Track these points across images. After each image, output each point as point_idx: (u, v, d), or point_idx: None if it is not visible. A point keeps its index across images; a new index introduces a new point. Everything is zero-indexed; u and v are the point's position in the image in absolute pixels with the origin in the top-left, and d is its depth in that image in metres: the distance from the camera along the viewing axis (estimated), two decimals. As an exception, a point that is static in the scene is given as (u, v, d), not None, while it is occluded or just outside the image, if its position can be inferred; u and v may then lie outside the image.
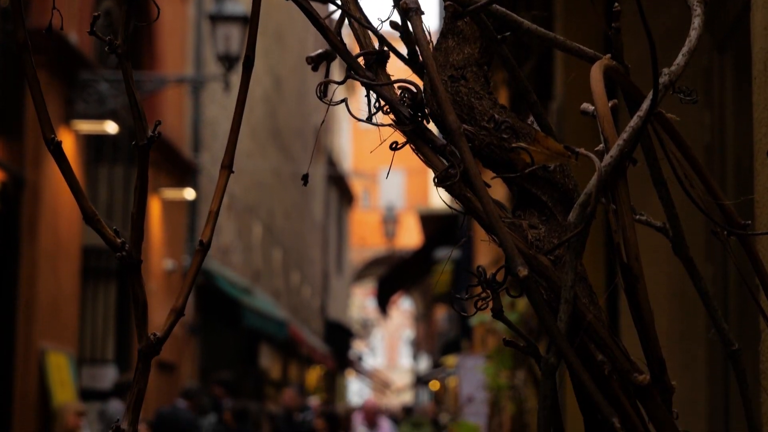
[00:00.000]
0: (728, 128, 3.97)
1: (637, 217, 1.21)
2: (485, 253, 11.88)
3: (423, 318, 59.77)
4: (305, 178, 1.33)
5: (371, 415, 15.39)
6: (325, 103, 1.16)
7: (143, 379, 1.05)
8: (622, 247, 1.02)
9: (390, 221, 32.06)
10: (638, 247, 1.03)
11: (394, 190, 55.07)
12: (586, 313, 1.00)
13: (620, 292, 3.65)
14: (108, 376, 14.17)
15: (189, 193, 17.34)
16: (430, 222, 20.77)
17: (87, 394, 12.56)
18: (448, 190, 1.00)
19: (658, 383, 1.02)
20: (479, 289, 1.08)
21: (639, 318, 1.02)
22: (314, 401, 18.89)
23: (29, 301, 10.96)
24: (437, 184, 1.02)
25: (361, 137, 56.80)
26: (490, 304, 1.11)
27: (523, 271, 0.98)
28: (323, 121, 2.02)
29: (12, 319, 10.81)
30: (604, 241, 4.27)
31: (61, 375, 11.60)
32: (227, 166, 1.06)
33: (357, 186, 51.10)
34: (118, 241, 1.03)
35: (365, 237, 51.25)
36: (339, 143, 44.63)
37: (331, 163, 38.23)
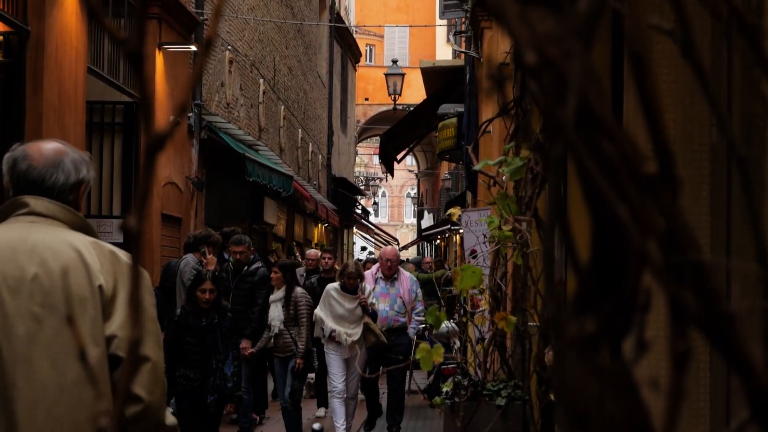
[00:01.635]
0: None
1: (647, 20, 1.19)
2: (489, 107, 11.84)
3: (427, 175, 60.00)
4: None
5: (390, 266, 13.61)
6: None
7: (149, 176, 1.05)
8: (631, 34, 1.01)
9: (394, 78, 31.85)
10: (649, 37, 1.02)
11: (399, 46, 54.76)
12: (593, 103, 1.00)
13: (626, 91, 3.63)
14: (114, 230, 14.28)
15: (192, 48, 17.22)
16: (434, 76, 20.64)
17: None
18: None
19: (666, 174, 1.02)
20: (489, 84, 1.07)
21: (647, 108, 1.01)
22: (312, 253, 18.40)
23: (35, 153, 10.98)
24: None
25: (365, -7, 56.19)
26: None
27: (533, 58, 0.97)
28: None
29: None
30: (610, 43, 4.22)
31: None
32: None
33: (361, 43, 50.76)
34: (122, 33, 1.02)
35: (370, 94, 51.12)
36: (343, -1, 44.14)
37: (336, 19, 37.87)
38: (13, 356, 3.15)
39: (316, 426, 10.50)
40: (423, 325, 16.62)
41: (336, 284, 12.60)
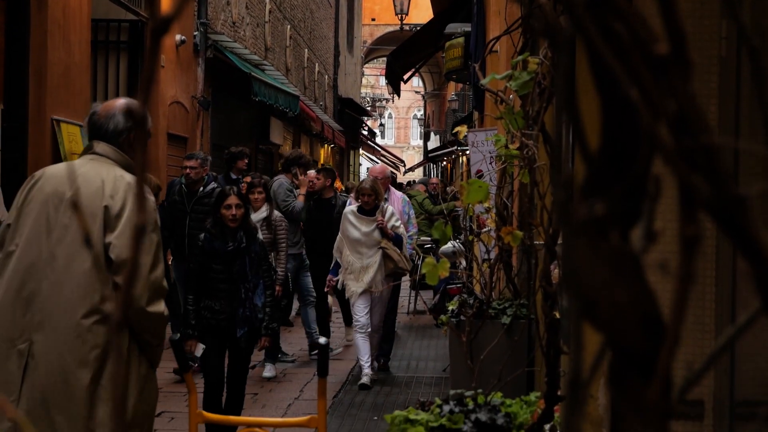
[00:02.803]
0: None
1: None
2: (496, 25, 11.75)
3: (434, 96, 59.79)
4: None
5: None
6: None
7: (153, 60, 1.04)
8: None
9: (401, -3, 31.62)
10: None
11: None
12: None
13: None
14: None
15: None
16: (442, -5, 20.44)
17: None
18: None
19: (677, 55, 1.00)
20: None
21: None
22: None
23: (40, 69, 10.91)
24: None
25: None
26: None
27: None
28: None
29: (24, 87, 10.78)
30: None
31: (74, 145, 11.67)
32: None
33: (368, -38, 50.28)
34: None
35: (376, 14, 50.76)
36: None
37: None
38: (48, 252, 4.58)
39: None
40: (428, 245, 16.48)
41: (353, 207, 11.70)
